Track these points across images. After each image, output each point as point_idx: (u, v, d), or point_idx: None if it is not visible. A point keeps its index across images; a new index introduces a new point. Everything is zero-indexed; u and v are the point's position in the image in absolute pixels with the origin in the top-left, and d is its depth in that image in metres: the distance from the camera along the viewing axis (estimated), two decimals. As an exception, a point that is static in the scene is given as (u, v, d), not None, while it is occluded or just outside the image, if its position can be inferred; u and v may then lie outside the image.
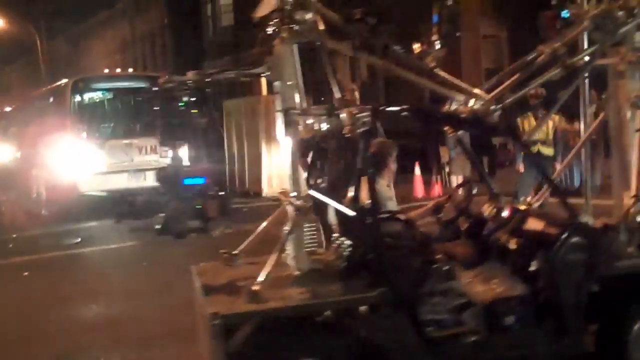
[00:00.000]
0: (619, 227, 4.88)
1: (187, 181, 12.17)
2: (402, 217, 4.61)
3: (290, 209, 4.87)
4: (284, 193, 4.98)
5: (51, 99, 15.22)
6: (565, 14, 4.97)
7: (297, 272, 4.87)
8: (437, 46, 4.87)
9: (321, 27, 4.76)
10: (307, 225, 5.30)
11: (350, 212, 4.49)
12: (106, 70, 16.32)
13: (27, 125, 15.15)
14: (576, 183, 11.44)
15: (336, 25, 4.80)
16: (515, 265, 5.02)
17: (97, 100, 15.01)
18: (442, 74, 4.90)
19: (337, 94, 5.05)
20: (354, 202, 4.49)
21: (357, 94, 6.50)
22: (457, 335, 4.66)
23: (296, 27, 4.79)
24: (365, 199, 4.85)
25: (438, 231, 5.54)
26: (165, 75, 5.39)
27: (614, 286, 4.95)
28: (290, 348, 4.34)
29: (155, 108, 14.33)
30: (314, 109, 5.08)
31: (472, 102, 4.95)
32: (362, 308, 4.56)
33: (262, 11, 5.02)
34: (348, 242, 4.74)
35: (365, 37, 4.67)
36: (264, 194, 15.36)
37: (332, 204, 4.76)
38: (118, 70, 17.40)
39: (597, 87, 6.01)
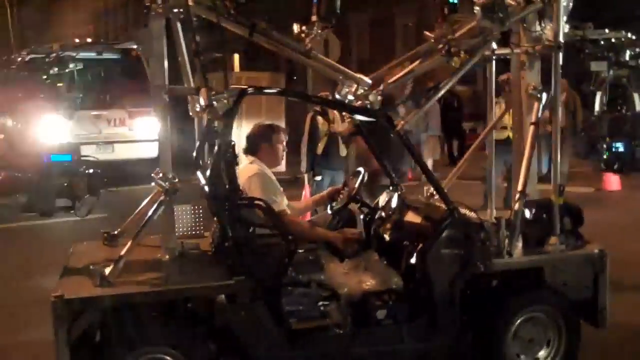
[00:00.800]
0: (500, 222, 4.70)
1: (55, 158, 11.75)
2: (261, 203, 4.44)
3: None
4: (157, 173, 4.83)
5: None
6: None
7: (166, 257, 4.73)
8: (317, 28, 4.69)
9: (190, 2, 4.57)
10: (190, 207, 5.18)
11: (211, 197, 4.36)
12: (77, 40, 16.14)
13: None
14: (544, 169, 11.28)
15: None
16: (393, 257, 4.89)
17: (67, 71, 14.86)
18: (321, 57, 4.72)
19: (189, 75, 4.85)
20: (214, 187, 4.34)
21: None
22: (321, 328, 4.53)
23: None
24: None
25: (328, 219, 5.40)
26: None
27: (491, 284, 4.82)
28: (138, 336, 4.21)
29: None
30: (181, 88, 4.91)
31: (354, 87, 4.79)
32: (220, 297, 4.45)
33: None
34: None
35: (232, 13, 4.50)
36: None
37: (203, 187, 4.61)
38: (89, 40, 17.23)
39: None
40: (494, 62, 5.38)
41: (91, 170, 11.80)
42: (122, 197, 12.05)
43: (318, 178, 9.39)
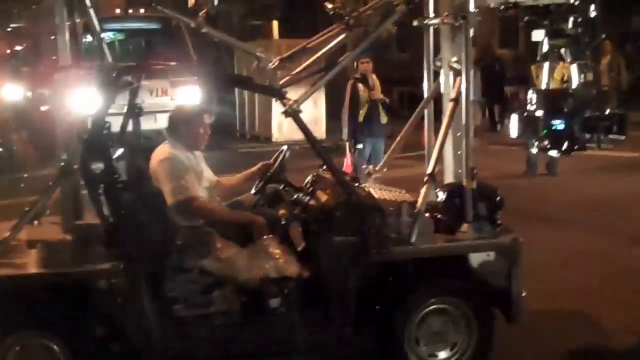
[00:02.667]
0: (401, 208, 4.39)
1: None
2: (146, 184, 4.29)
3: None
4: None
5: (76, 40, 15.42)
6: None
7: (63, 237, 4.67)
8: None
9: None
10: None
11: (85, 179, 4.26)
12: (117, 11, 16.34)
13: (38, 64, 15.45)
14: None
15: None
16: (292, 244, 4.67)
17: (108, 42, 15.05)
18: (214, 32, 4.50)
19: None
20: (87, 169, 4.23)
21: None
22: (207, 316, 4.39)
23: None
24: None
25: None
26: None
27: (390, 273, 4.52)
28: (15, 320, 4.19)
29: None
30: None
31: (254, 63, 4.57)
32: (101, 282, 4.36)
33: None
34: None
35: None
36: (273, 139, 15.22)
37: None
38: (130, 11, 17.40)
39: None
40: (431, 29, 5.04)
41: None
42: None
43: (359, 146, 9.39)
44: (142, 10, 15.24)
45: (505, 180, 10.98)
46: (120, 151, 4.84)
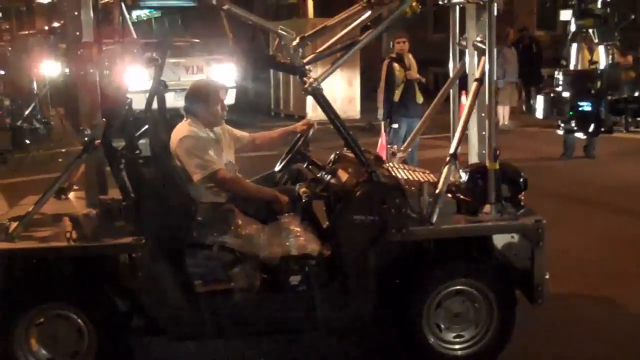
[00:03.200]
0: (422, 188, 4.35)
1: None
2: (166, 161, 4.30)
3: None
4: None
5: (100, 16, 15.50)
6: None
7: (88, 211, 4.72)
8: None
9: None
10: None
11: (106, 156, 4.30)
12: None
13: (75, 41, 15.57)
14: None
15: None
16: (314, 222, 4.67)
17: (145, 18, 15.17)
18: (236, 9, 4.47)
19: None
20: (109, 145, 4.27)
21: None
22: (228, 292, 4.41)
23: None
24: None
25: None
26: None
27: (410, 253, 4.49)
28: (37, 291, 4.26)
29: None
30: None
31: (276, 41, 4.53)
32: (123, 256, 4.42)
33: None
34: None
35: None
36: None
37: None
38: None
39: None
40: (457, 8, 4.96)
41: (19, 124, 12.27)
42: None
43: (395, 126, 9.38)
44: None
45: (541, 162, 10.86)
46: (144, 128, 4.87)
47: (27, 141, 12.64)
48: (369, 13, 4.47)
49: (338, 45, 4.57)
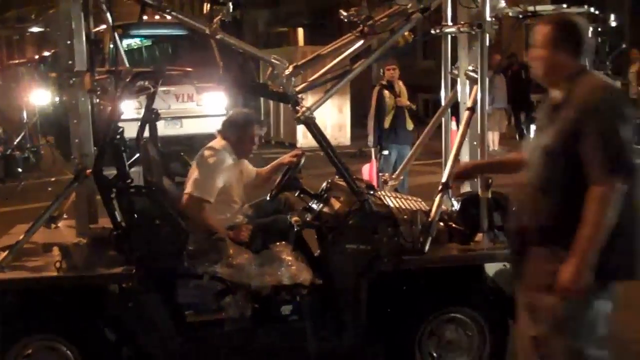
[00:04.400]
0: (415, 216, 4.34)
1: None
2: (158, 190, 4.30)
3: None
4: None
5: (92, 45, 15.55)
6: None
7: (77, 241, 4.68)
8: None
9: None
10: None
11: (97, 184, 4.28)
12: (145, 17, 16.43)
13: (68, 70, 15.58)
14: None
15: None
16: (305, 251, 4.66)
17: (135, 47, 15.20)
18: (229, 38, 4.49)
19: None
20: (99, 174, 4.25)
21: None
22: (217, 322, 4.38)
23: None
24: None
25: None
26: None
27: (403, 282, 4.47)
28: (26, 322, 4.22)
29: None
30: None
31: (269, 70, 4.55)
32: (113, 286, 4.38)
33: None
34: None
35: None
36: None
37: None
38: (157, 17, 17.48)
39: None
40: (449, 37, 5.00)
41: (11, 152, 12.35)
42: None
43: (385, 152, 9.38)
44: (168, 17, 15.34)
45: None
46: (135, 156, 4.87)
47: (20, 169, 12.57)
48: (361, 42, 4.49)
49: (328, 75, 4.57)
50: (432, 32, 4.83)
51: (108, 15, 4.84)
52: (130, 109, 5.49)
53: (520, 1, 4.79)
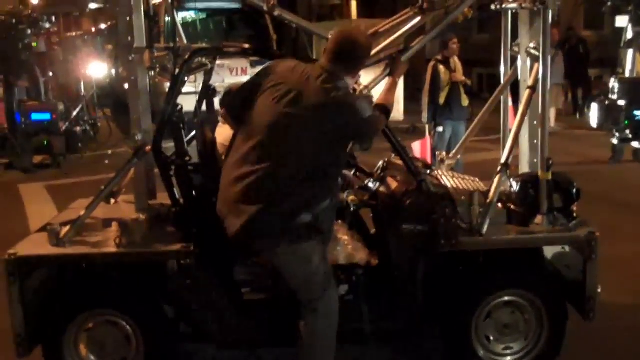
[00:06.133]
0: (473, 197, 4.28)
1: (35, 116, 12.04)
2: (215, 167, 4.31)
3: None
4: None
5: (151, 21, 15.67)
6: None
7: (136, 217, 4.74)
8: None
9: None
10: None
11: (156, 162, 4.31)
12: (194, -9, 16.51)
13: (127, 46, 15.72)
14: None
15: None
16: (362, 230, 4.63)
17: (190, 20, 15.27)
18: (287, 14, 4.46)
19: None
20: (159, 151, 4.28)
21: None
22: (274, 301, 4.40)
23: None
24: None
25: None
26: None
27: (459, 265, 4.42)
28: (84, 298, 4.29)
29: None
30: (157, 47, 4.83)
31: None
32: (171, 263, 4.42)
33: None
34: None
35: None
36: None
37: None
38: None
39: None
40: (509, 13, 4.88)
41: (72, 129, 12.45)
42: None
43: (440, 129, 9.31)
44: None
45: (589, 166, 10.64)
46: (193, 133, 4.90)
47: (79, 144, 12.83)
48: (418, 19, 4.42)
49: (381, 54, 4.49)
50: (492, 7, 4.71)
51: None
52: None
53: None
